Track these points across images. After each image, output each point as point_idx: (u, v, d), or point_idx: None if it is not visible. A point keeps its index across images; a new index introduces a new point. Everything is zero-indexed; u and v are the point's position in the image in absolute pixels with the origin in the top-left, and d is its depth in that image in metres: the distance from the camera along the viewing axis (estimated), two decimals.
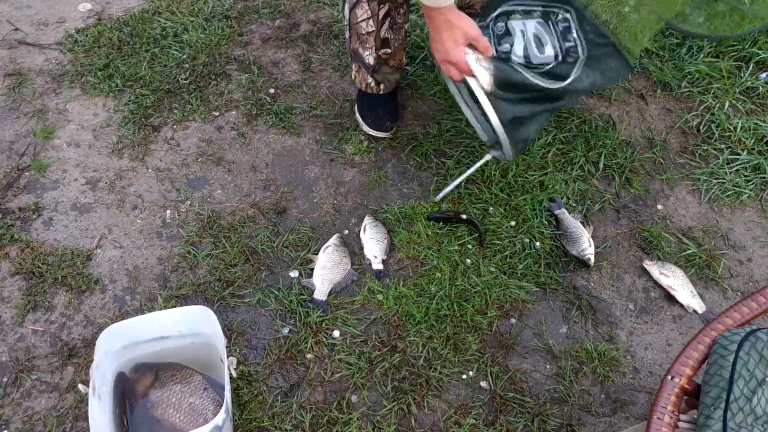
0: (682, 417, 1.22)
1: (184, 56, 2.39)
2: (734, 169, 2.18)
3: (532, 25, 1.84)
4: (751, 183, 2.16)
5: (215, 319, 1.50)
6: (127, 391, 1.55)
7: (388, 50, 2.09)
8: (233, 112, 2.26)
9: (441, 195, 2.05)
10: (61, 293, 1.81)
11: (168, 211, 1.99)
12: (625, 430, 1.48)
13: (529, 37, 1.82)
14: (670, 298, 1.90)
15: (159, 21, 2.50)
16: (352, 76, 2.25)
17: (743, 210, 2.11)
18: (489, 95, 1.72)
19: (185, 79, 2.31)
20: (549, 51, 1.80)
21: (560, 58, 1.80)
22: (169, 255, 1.90)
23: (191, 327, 1.57)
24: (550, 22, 1.85)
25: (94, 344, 1.68)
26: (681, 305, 1.89)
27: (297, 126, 2.24)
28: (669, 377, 1.23)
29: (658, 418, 1.19)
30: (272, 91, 2.32)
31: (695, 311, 1.88)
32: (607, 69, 1.83)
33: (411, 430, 1.63)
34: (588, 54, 1.81)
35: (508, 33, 1.83)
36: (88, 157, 2.11)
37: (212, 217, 1.98)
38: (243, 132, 2.21)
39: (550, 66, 1.79)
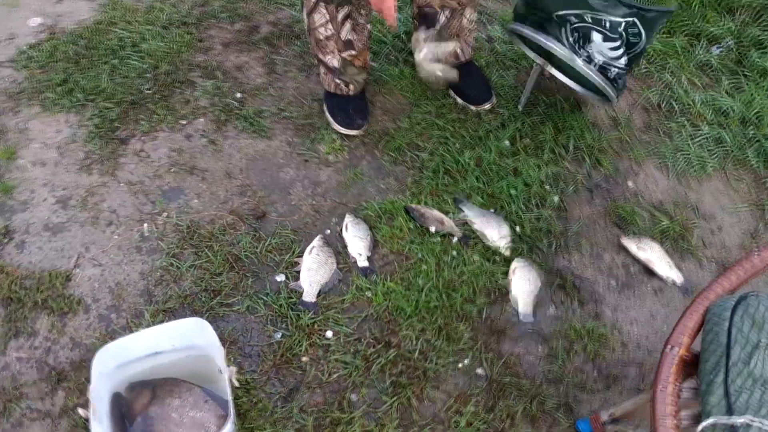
0: (684, 385, 1.26)
1: (145, 66, 2.34)
2: (697, 142, 2.26)
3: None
4: (714, 155, 2.23)
5: (211, 329, 1.49)
6: (125, 411, 1.52)
7: (353, 51, 2.09)
8: (201, 120, 2.22)
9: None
10: (43, 317, 1.76)
11: (145, 225, 1.95)
12: (623, 404, 1.52)
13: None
14: (649, 272, 1.96)
15: (115, 31, 2.45)
16: (321, 77, 2.24)
17: (709, 181, 2.19)
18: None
19: (149, 89, 2.27)
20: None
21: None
22: (151, 269, 1.86)
23: (185, 340, 1.55)
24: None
25: (84, 366, 1.65)
26: (660, 278, 1.95)
27: (268, 129, 2.22)
28: (668, 348, 1.27)
29: (662, 389, 1.23)
30: (239, 95, 2.29)
31: (674, 282, 1.94)
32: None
33: (413, 423, 1.64)
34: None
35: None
36: (56, 175, 2.06)
37: (191, 228, 1.95)
38: (213, 139, 2.17)
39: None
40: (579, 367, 1.77)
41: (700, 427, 1.18)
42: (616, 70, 1.95)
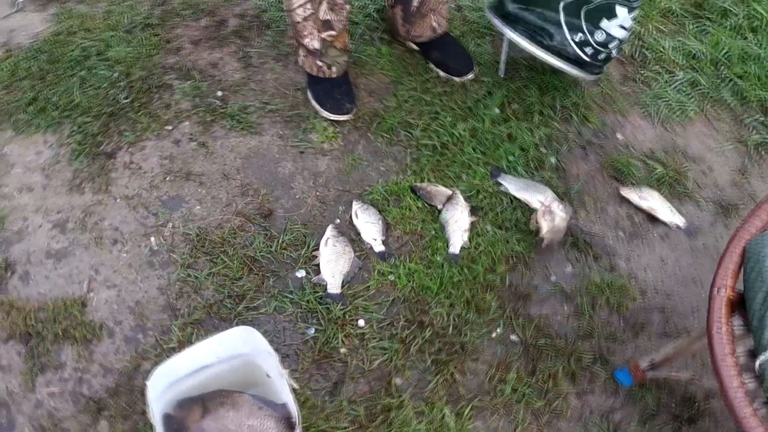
0: (735, 323, 1.32)
1: (116, 74, 2.24)
2: (675, 88, 2.33)
3: None
4: (692, 98, 2.31)
5: (259, 336, 1.47)
6: (178, 430, 1.49)
7: (333, 32, 2.06)
8: (186, 123, 2.15)
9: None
10: (67, 348, 1.70)
11: (152, 238, 1.90)
12: (663, 349, 1.58)
13: None
14: (653, 219, 2.03)
15: (76, 41, 2.33)
16: (300, 62, 2.20)
17: (692, 125, 2.27)
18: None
19: (126, 98, 2.18)
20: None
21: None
22: (168, 283, 1.82)
23: (230, 350, 1.53)
24: None
25: (122, 391, 1.62)
26: (664, 223, 2.02)
27: (256, 125, 2.17)
28: (715, 290, 1.33)
29: (717, 330, 1.29)
30: (220, 93, 2.23)
31: (678, 226, 2.01)
32: None
33: (461, 398, 1.67)
34: None
35: None
36: (46, 199, 1.96)
37: (201, 235, 1.90)
38: (203, 141, 2.11)
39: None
40: (606, 320, 1.83)
41: (758, 361, 1.25)
42: (618, 40, 2.01)
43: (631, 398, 1.69)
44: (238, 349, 1.53)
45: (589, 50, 2.01)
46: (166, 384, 1.46)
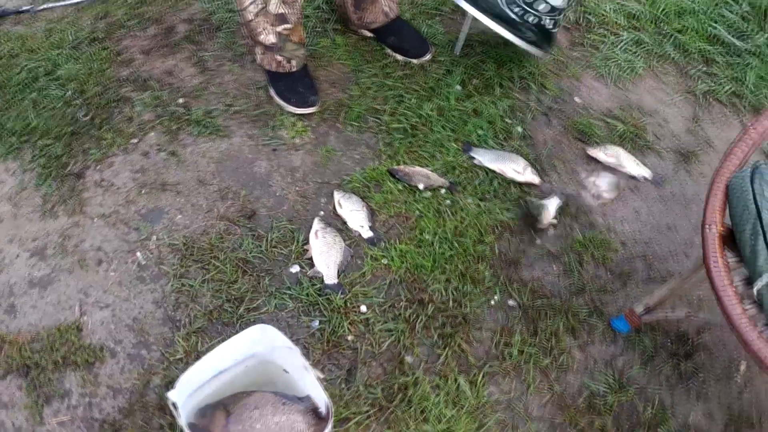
0: (728, 256, 1.41)
1: (70, 92, 2.17)
2: (621, 48, 2.44)
3: None
4: (638, 56, 2.42)
5: (275, 332, 1.47)
6: None
7: (288, 25, 2.06)
8: (152, 134, 2.11)
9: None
10: (69, 374, 1.65)
11: (138, 253, 1.86)
12: (656, 292, 1.67)
13: None
14: (621, 174, 2.12)
15: (20, 64, 2.24)
16: (259, 60, 2.19)
17: (642, 81, 2.38)
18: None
19: (85, 116, 2.12)
20: None
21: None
22: (163, 295, 1.79)
23: (244, 351, 1.52)
24: None
25: (136, 410, 1.59)
26: (632, 176, 2.11)
27: (223, 128, 2.15)
28: (707, 228, 1.41)
29: (714, 263, 1.37)
30: (181, 100, 2.20)
31: (645, 178, 2.11)
32: None
33: (473, 366, 1.71)
34: None
35: None
36: (19, 228, 1.89)
37: (188, 244, 1.87)
38: (172, 150, 2.08)
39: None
40: (594, 274, 1.90)
41: (756, 288, 1.34)
42: (547, 4, 2.06)
43: (629, 344, 1.77)
44: (252, 348, 1.53)
45: (517, 10, 2.04)
46: (187, 394, 1.44)
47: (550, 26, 2.11)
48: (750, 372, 1.75)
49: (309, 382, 1.49)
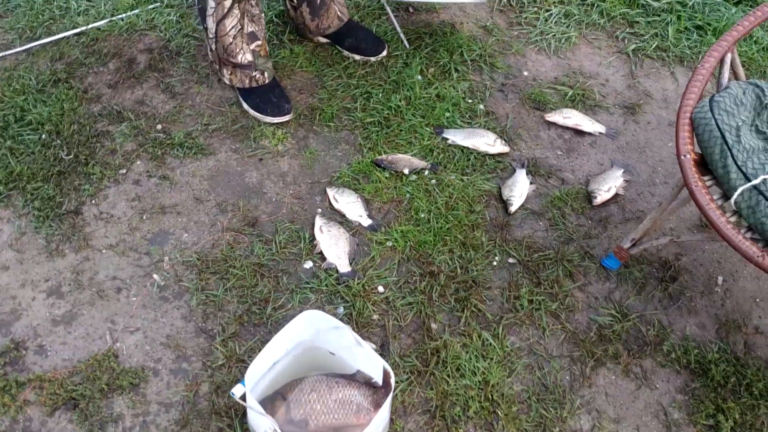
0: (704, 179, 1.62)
1: (44, 135, 2.19)
2: (554, 22, 2.66)
3: None
4: (570, 27, 2.65)
5: (322, 315, 1.57)
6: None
7: (259, 42, 2.17)
8: (138, 162, 2.16)
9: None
10: (117, 399, 1.69)
11: (155, 276, 1.91)
12: (640, 226, 1.87)
13: None
14: (579, 132, 2.33)
15: None
16: (227, 80, 2.28)
17: (578, 48, 2.61)
18: None
19: (68, 155, 2.14)
20: None
21: None
22: (190, 310, 1.85)
23: (294, 340, 1.61)
24: None
25: (191, 421, 1.65)
26: (589, 133, 2.33)
27: (206, 146, 2.22)
28: (682, 156, 1.62)
29: (695, 185, 1.58)
30: (159, 126, 2.25)
31: (601, 133, 2.33)
32: None
33: (492, 322, 1.86)
34: None
35: None
36: (27, 272, 1.90)
37: (201, 258, 1.94)
38: (163, 174, 2.13)
39: None
40: (577, 224, 2.10)
41: (733, 199, 1.55)
42: None
43: (622, 278, 1.97)
44: (299, 337, 1.62)
45: None
46: (249, 389, 1.52)
47: None
48: (727, 283, 1.98)
49: (359, 358, 1.60)
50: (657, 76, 2.51)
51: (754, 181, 1.53)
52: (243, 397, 1.47)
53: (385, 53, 2.49)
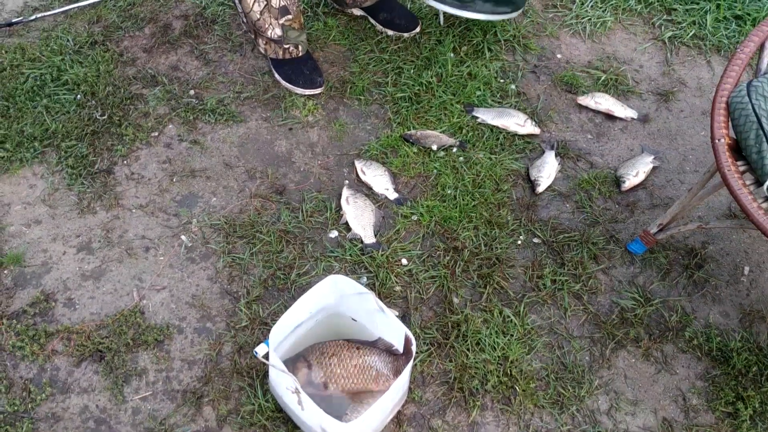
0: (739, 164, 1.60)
1: (80, 95, 2.22)
2: (590, 5, 2.63)
3: None
4: (606, 12, 2.63)
5: (347, 280, 1.59)
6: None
7: (290, 16, 2.17)
8: (170, 126, 2.18)
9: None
10: (142, 354, 1.72)
11: (183, 237, 1.94)
12: (669, 210, 1.85)
13: None
14: (610, 117, 2.31)
15: (24, 73, 2.27)
16: (263, 50, 2.29)
17: (614, 33, 2.58)
18: None
19: (102, 115, 2.17)
20: None
21: None
22: (216, 272, 1.87)
23: (318, 304, 1.63)
24: None
25: (212, 378, 1.68)
26: (620, 118, 2.31)
27: (237, 113, 2.24)
28: (716, 141, 1.60)
29: (728, 170, 1.56)
30: (192, 92, 2.27)
31: (632, 118, 2.31)
32: None
33: (514, 300, 1.87)
34: None
35: None
36: (59, 227, 1.94)
37: (229, 222, 1.96)
38: (194, 139, 2.16)
39: None
40: (604, 207, 2.09)
41: (766, 184, 1.54)
42: None
43: (646, 263, 1.96)
44: (324, 301, 1.64)
45: None
46: (272, 349, 1.54)
47: None
48: (753, 273, 1.97)
49: (381, 325, 1.61)
50: (692, 65, 2.48)
51: None
52: (266, 356, 1.49)
53: (418, 30, 2.48)
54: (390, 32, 2.48)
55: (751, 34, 1.72)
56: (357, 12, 2.51)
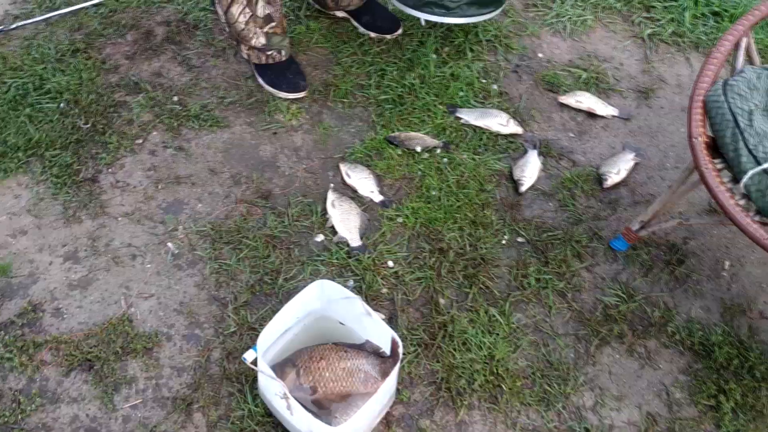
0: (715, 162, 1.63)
1: (63, 104, 2.22)
2: (570, 4, 2.66)
3: None
4: (586, 10, 2.65)
5: (333, 285, 1.60)
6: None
7: (274, 23, 2.18)
8: (155, 133, 2.19)
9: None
10: (131, 361, 1.73)
11: (169, 244, 1.94)
12: (650, 208, 1.88)
13: None
14: (592, 115, 2.34)
15: (6, 82, 2.26)
16: (245, 55, 2.30)
17: (594, 32, 2.61)
18: None
19: (86, 124, 2.17)
20: None
21: None
22: (203, 278, 1.88)
23: (305, 308, 1.65)
24: None
25: (202, 384, 1.69)
26: (602, 116, 2.34)
27: (221, 119, 2.24)
28: (693, 139, 1.63)
29: (705, 167, 1.59)
30: (176, 98, 2.28)
31: (614, 115, 2.34)
32: None
33: (499, 299, 1.89)
34: None
35: None
36: (45, 237, 1.95)
37: (215, 228, 1.97)
38: (178, 146, 2.16)
39: None
40: (586, 205, 2.11)
41: (743, 182, 1.57)
42: None
43: (629, 259, 1.99)
44: (311, 306, 1.66)
45: None
46: (260, 355, 1.56)
47: None
48: (733, 268, 2.00)
49: (368, 328, 1.63)
50: (672, 62, 2.51)
51: (765, 165, 1.54)
52: (254, 362, 1.51)
53: (400, 31, 2.50)
54: (372, 34, 2.49)
55: (727, 33, 1.75)
56: (339, 14, 2.53)
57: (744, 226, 1.52)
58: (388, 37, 2.49)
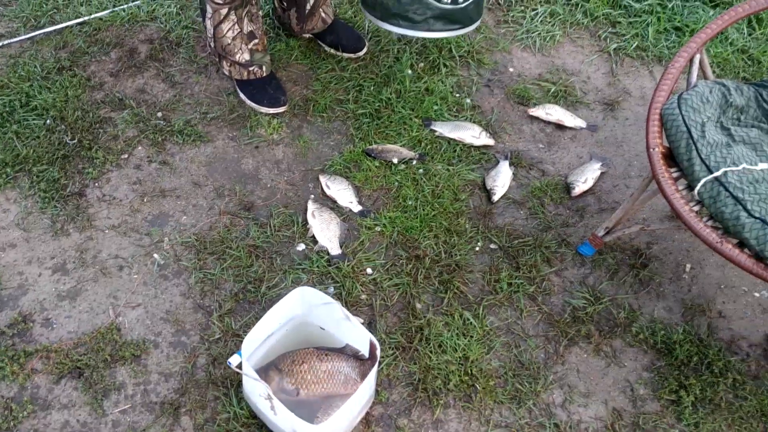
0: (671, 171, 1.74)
1: (49, 120, 2.28)
2: (539, 20, 2.78)
3: None
4: (555, 26, 2.77)
5: (313, 291, 1.68)
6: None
7: (256, 40, 2.26)
8: (139, 148, 2.26)
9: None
10: (120, 368, 1.80)
11: (155, 255, 2.02)
12: (613, 215, 1.99)
13: None
14: (560, 127, 2.45)
15: None
16: (227, 72, 2.38)
17: (562, 46, 2.72)
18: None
19: (72, 139, 2.24)
20: None
21: None
22: (188, 287, 1.96)
23: (286, 314, 1.73)
24: None
25: (189, 390, 1.76)
26: (570, 128, 2.45)
27: (204, 134, 2.32)
28: (651, 149, 1.74)
29: (662, 176, 1.70)
30: (160, 114, 2.35)
31: (582, 127, 2.45)
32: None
33: (473, 303, 1.98)
34: None
35: None
36: (34, 250, 2.01)
37: (200, 239, 2.05)
38: (162, 160, 2.24)
39: None
40: (555, 213, 2.22)
41: (696, 190, 1.67)
42: None
43: (596, 264, 2.10)
44: (293, 312, 1.74)
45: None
46: (245, 359, 1.63)
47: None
48: (694, 270, 2.11)
49: (347, 332, 1.71)
50: (636, 75, 2.64)
51: (716, 173, 1.65)
52: (239, 366, 1.58)
53: (364, 51, 2.58)
54: (337, 53, 2.58)
55: (681, 50, 1.86)
56: (305, 35, 2.61)
57: (698, 231, 1.63)
58: (353, 56, 2.56)
